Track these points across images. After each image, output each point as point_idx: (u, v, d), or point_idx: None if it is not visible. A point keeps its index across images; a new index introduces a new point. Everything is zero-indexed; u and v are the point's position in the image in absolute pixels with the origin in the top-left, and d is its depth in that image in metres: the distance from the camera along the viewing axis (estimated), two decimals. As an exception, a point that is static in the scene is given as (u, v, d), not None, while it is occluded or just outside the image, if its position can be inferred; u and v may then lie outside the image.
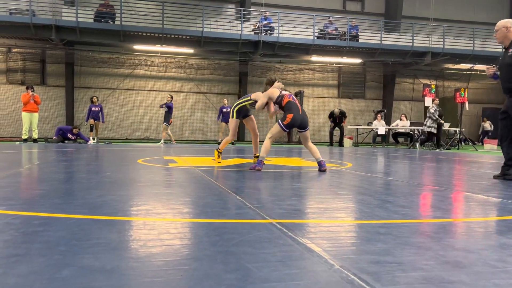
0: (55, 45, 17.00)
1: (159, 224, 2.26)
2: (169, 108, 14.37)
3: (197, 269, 1.53)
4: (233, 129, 6.29)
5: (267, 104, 5.70)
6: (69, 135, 14.31)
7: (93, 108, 14.49)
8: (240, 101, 6.31)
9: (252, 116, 6.50)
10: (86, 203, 2.81)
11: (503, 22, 4.61)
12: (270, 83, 5.89)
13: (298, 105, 5.48)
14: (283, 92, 5.59)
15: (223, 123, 15.65)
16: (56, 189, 3.51)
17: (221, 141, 16.01)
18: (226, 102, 15.86)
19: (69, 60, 18.04)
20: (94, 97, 14.73)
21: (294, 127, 5.43)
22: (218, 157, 6.49)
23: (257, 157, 6.18)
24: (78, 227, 2.13)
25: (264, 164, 5.49)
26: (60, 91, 18.32)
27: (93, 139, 14.54)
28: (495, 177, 4.84)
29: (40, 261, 1.58)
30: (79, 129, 14.67)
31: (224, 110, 15.69)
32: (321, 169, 5.38)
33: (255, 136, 6.54)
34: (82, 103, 18.52)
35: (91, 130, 14.60)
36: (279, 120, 5.40)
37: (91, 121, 14.51)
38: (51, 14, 16.28)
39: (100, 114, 14.50)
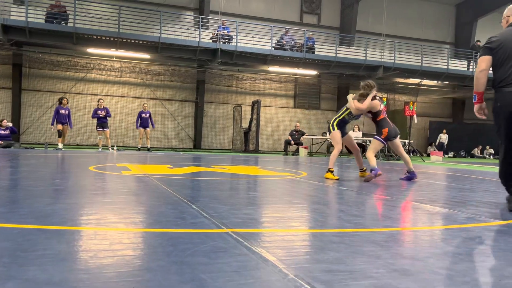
0: (1, 45, 16.17)
1: (111, 234, 2.20)
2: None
3: (151, 280, 1.50)
4: (337, 139, 6.17)
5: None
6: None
7: (61, 111, 13.18)
8: (338, 114, 6.31)
9: (349, 133, 6.47)
10: (32, 212, 2.68)
11: (506, 11, 3.68)
12: (365, 94, 6.03)
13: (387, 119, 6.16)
14: (382, 107, 6.04)
15: (142, 129, 14.85)
16: None
17: (140, 148, 15.26)
18: (146, 107, 14.98)
19: (17, 61, 17.20)
20: (64, 99, 13.45)
21: (389, 139, 6.10)
22: (334, 176, 6.04)
23: (364, 171, 6.47)
24: (24, 238, 2.03)
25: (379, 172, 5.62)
26: (5, 93, 17.42)
27: (63, 145, 13.51)
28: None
29: (-19, 274, 1.49)
30: (8, 122, 13.60)
31: (143, 115, 14.78)
32: (412, 179, 6.10)
33: (357, 151, 6.55)
34: (30, 107, 17.69)
35: (60, 136, 13.33)
36: (376, 136, 6.04)
37: (59, 126, 13.17)
38: (-1, 13, 15.50)
39: (68, 118, 13.33)
